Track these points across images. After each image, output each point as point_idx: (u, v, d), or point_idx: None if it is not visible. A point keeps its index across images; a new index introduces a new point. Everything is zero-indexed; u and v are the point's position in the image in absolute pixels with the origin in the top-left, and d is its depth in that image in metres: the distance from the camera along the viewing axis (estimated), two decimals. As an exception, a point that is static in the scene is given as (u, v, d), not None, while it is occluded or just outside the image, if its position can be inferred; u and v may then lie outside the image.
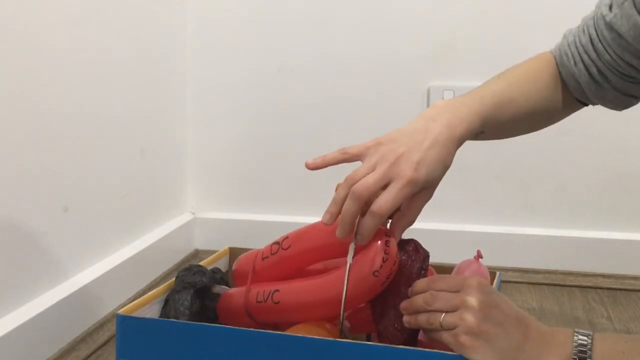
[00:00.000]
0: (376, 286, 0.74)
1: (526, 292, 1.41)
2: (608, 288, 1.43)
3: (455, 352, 0.69)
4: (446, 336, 0.70)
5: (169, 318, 0.85)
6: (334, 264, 0.81)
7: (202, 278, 0.89)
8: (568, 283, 1.45)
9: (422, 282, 0.75)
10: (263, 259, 0.87)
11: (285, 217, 1.61)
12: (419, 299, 0.73)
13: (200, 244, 1.67)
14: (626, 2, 0.81)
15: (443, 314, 0.70)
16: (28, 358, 1.03)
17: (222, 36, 1.62)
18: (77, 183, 1.19)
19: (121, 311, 0.80)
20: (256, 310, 0.84)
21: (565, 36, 0.94)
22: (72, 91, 1.16)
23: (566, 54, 0.91)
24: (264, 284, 0.85)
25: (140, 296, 0.95)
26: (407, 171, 0.73)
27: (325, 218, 0.76)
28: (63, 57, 1.13)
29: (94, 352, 1.12)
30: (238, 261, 0.93)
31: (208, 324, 0.80)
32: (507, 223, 1.55)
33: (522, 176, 1.54)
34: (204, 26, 1.62)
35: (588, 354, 0.68)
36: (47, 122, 1.10)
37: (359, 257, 0.75)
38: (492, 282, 0.90)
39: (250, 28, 1.60)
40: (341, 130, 1.57)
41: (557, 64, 0.93)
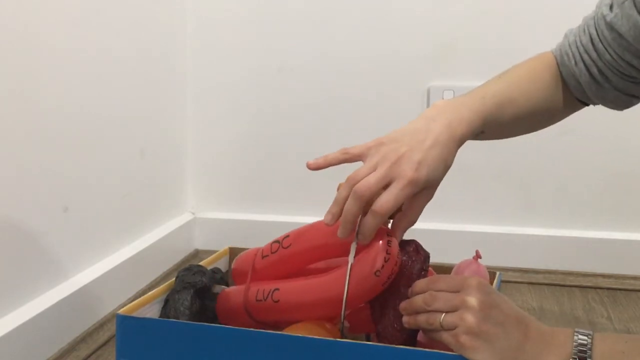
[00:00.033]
0: (377, 286, 0.74)
1: (526, 292, 1.41)
2: (608, 288, 1.43)
3: (455, 352, 0.69)
4: (446, 336, 0.70)
5: (169, 318, 0.85)
6: (335, 264, 0.81)
7: (202, 278, 0.88)
8: (568, 283, 1.45)
9: (422, 283, 0.75)
10: (263, 258, 0.87)
11: (285, 217, 1.60)
12: (419, 299, 0.73)
13: (200, 244, 1.67)
14: (626, 2, 0.81)
15: (443, 314, 0.70)
16: (28, 358, 1.03)
17: (222, 36, 1.62)
18: (77, 183, 1.19)
19: (121, 311, 0.80)
20: (256, 309, 0.84)
21: (566, 36, 0.94)
22: (72, 91, 1.16)
23: (567, 54, 0.91)
24: (264, 283, 0.85)
25: (140, 296, 0.95)
26: (409, 171, 0.74)
27: (327, 218, 0.76)
28: (63, 57, 1.13)
29: (94, 352, 1.12)
30: (237, 259, 0.93)
31: (208, 324, 0.80)
32: (507, 223, 1.55)
33: (523, 176, 1.54)
34: (204, 26, 1.62)
35: (588, 354, 0.68)
36: (47, 122, 1.10)
37: (361, 257, 0.75)
38: (492, 282, 0.90)
39: (250, 28, 1.60)
40: (341, 130, 1.57)
41: (558, 64, 0.93)
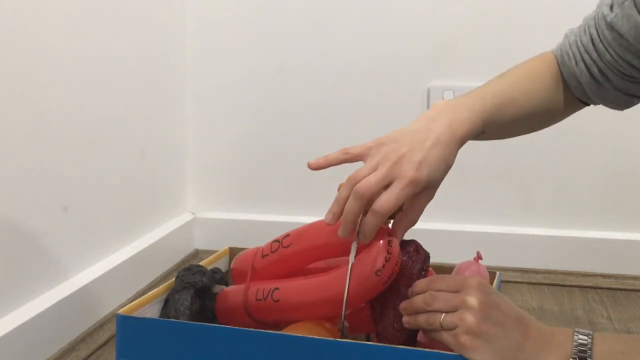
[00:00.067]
0: (378, 285, 0.74)
1: (526, 292, 1.41)
2: (608, 288, 1.43)
3: (455, 352, 0.69)
4: (446, 336, 0.70)
5: (169, 318, 0.85)
6: (335, 263, 0.81)
7: (202, 278, 0.88)
8: (568, 283, 1.45)
9: (422, 283, 0.75)
10: (263, 257, 0.86)
11: (285, 217, 1.60)
12: (419, 300, 0.73)
13: (200, 244, 1.67)
14: (627, 2, 0.81)
15: (443, 314, 0.70)
16: (28, 358, 1.03)
17: (222, 36, 1.62)
18: (77, 183, 1.19)
19: (121, 311, 0.80)
20: (255, 308, 0.84)
21: (566, 36, 0.94)
22: (72, 91, 1.16)
23: (567, 54, 0.91)
24: (264, 282, 0.85)
25: (140, 296, 0.95)
26: (409, 171, 0.73)
27: (327, 218, 0.76)
28: (63, 57, 1.13)
29: (94, 352, 1.12)
30: (237, 259, 0.93)
31: (208, 324, 0.80)
32: (508, 223, 1.55)
33: (523, 176, 1.54)
34: (204, 26, 1.62)
35: (588, 354, 0.68)
36: (47, 122, 1.10)
37: (361, 257, 0.75)
38: (492, 282, 0.90)
39: (250, 28, 1.60)
40: (341, 130, 1.57)
41: (559, 64, 0.93)
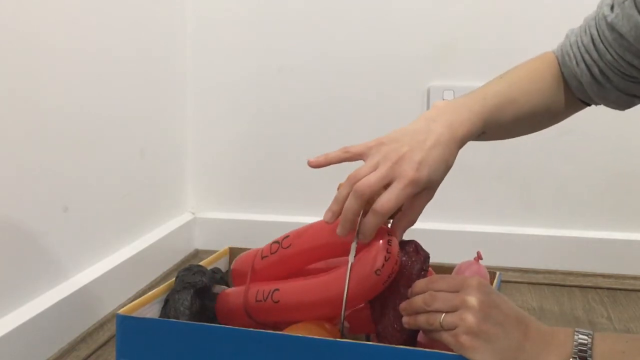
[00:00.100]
0: (378, 285, 0.74)
1: (526, 292, 1.41)
2: (608, 288, 1.43)
3: (455, 352, 0.69)
4: (446, 336, 0.70)
5: (169, 318, 0.85)
6: (335, 263, 0.81)
7: (202, 278, 0.88)
8: (568, 283, 1.45)
9: (422, 283, 0.75)
10: (263, 258, 0.86)
11: (285, 217, 1.60)
12: (419, 300, 0.73)
13: (200, 244, 1.67)
14: (627, 2, 0.81)
15: (443, 314, 0.70)
16: (28, 358, 1.03)
17: (222, 36, 1.62)
18: (77, 183, 1.19)
19: (121, 311, 0.80)
20: (255, 309, 0.84)
21: (567, 36, 0.93)
22: (72, 91, 1.16)
23: (568, 54, 0.91)
24: (264, 283, 0.85)
25: (140, 296, 0.94)
26: (409, 171, 0.74)
27: (326, 216, 0.76)
28: (63, 57, 1.13)
29: (94, 352, 1.12)
30: (237, 260, 0.93)
31: (208, 324, 0.80)
32: (508, 223, 1.55)
33: (523, 176, 1.54)
34: (204, 26, 1.62)
35: (588, 354, 0.68)
36: (47, 122, 1.10)
37: (361, 256, 0.75)
38: (492, 282, 0.90)
39: (250, 28, 1.60)
40: (341, 130, 1.57)
41: (559, 64, 0.93)
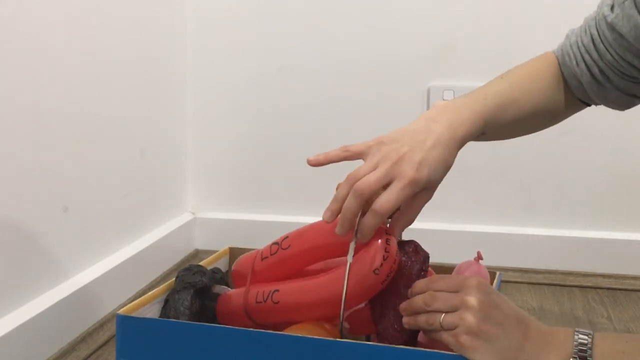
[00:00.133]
0: (376, 284, 0.74)
1: (526, 292, 1.41)
2: (608, 288, 1.43)
3: (455, 352, 0.69)
4: (446, 336, 0.70)
5: (169, 318, 0.85)
6: (334, 264, 0.81)
7: (202, 278, 0.88)
8: (568, 283, 1.45)
9: (421, 283, 0.75)
10: (262, 260, 0.86)
11: (285, 217, 1.60)
12: (418, 300, 0.73)
13: (200, 244, 1.67)
14: (627, 2, 0.81)
15: (443, 315, 0.70)
16: (28, 358, 1.03)
17: (222, 36, 1.62)
18: (77, 183, 1.19)
19: (121, 311, 0.80)
20: (256, 311, 0.84)
21: (567, 36, 0.93)
22: (72, 91, 1.16)
23: (568, 54, 0.91)
24: (264, 285, 0.85)
25: (140, 296, 0.94)
26: (409, 171, 0.74)
27: (326, 215, 0.76)
28: (63, 57, 1.13)
29: (94, 352, 1.12)
30: (237, 262, 0.93)
31: (208, 324, 0.80)
32: (508, 223, 1.55)
33: (523, 176, 1.54)
34: (204, 26, 1.62)
35: (588, 353, 0.68)
36: (47, 122, 1.10)
37: (360, 255, 0.75)
38: (492, 282, 0.90)
39: (250, 28, 1.60)
40: (341, 130, 1.57)
41: (560, 64, 0.93)
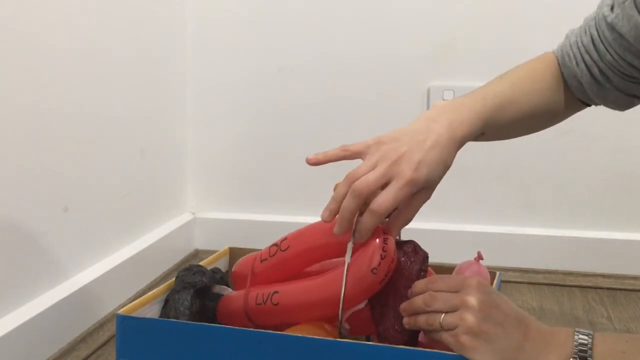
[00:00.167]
0: (375, 284, 0.74)
1: (526, 292, 1.41)
2: (608, 288, 1.43)
3: (455, 352, 0.69)
4: (446, 336, 0.70)
5: (169, 318, 0.85)
6: (332, 264, 0.81)
7: (202, 278, 0.88)
8: (568, 283, 1.45)
9: (421, 283, 0.74)
10: (262, 262, 0.86)
11: (285, 217, 1.60)
12: (418, 300, 0.73)
13: (200, 244, 1.67)
14: (627, 2, 0.81)
15: (443, 315, 0.70)
16: (28, 358, 1.03)
17: (222, 36, 1.62)
18: (77, 183, 1.19)
19: (121, 311, 0.80)
20: (256, 312, 0.84)
21: (567, 36, 0.93)
22: (72, 91, 1.16)
23: (568, 55, 0.91)
24: (263, 286, 0.85)
25: (140, 296, 0.94)
26: (408, 171, 0.74)
27: (324, 215, 0.76)
28: (63, 57, 1.13)
29: (94, 352, 1.12)
30: (237, 264, 0.93)
31: (208, 324, 0.80)
32: (508, 223, 1.55)
33: (523, 176, 1.54)
34: (204, 26, 1.62)
35: (588, 353, 0.68)
36: (47, 122, 1.10)
37: (357, 255, 0.75)
38: (492, 282, 0.90)
39: (250, 28, 1.60)
40: (341, 130, 1.57)
41: (559, 65, 0.93)
